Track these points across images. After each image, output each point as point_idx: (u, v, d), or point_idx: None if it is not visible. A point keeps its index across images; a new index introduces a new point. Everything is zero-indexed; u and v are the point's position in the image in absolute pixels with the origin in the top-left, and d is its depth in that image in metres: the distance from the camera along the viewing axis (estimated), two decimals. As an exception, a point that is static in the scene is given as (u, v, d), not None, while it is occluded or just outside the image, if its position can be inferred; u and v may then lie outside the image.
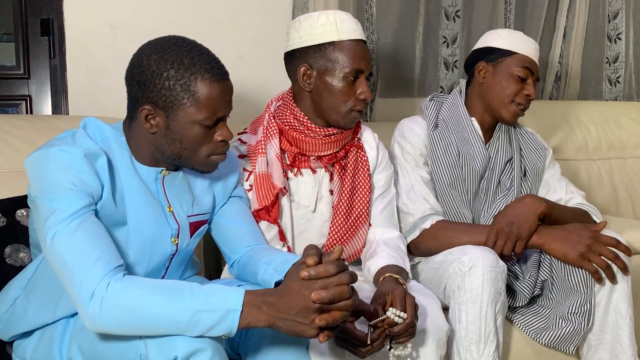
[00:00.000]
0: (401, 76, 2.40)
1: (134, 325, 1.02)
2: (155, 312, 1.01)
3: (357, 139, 1.56)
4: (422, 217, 1.61)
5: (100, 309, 1.01)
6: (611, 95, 2.79)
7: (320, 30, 1.43)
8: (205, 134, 1.17)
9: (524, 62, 1.68)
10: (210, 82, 1.14)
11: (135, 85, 1.16)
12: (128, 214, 1.17)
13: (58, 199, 1.08)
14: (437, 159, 1.69)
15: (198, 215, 1.30)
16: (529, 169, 1.76)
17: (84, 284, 1.02)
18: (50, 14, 1.96)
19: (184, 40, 1.18)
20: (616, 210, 2.49)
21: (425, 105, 1.78)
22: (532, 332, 1.59)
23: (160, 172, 1.23)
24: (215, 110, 1.16)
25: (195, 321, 1.01)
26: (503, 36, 1.74)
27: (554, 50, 2.62)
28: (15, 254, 1.42)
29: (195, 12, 2.06)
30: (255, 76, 2.11)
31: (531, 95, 1.69)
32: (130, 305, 1.01)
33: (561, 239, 1.53)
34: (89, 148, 1.13)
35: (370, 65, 1.47)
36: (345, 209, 1.51)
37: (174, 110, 1.14)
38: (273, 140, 1.47)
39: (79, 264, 1.04)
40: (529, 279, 1.59)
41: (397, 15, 2.34)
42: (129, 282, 1.04)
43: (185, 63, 1.13)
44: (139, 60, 1.16)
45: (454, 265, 1.44)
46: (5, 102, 2.02)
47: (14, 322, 1.23)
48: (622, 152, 2.55)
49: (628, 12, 2.72)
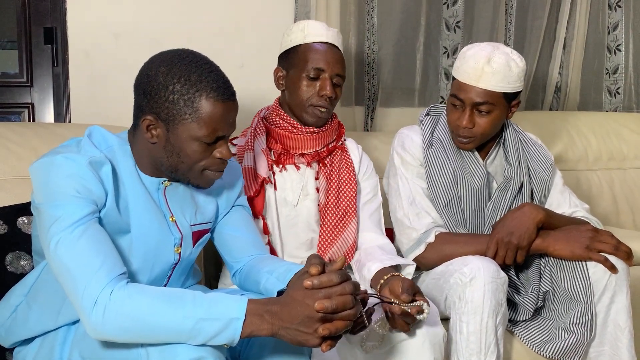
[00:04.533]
0: (402, 86, 2.41)
1: (136, 333, 1.02)
2: (158, 320, 1.01)
3: (342, 142, 1.66)
4: (426, 231, 1.60)
5: (103, 316, 1.01)
6: (611, 106, 2.80)
7: (292, 36, 1.59)
8: (203, 150, 1.17)
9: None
10: (215, 101, 1.14)
11: (142, 94, 1.17)
12: (132, 222, 1.17)
13: (62, 206, 1.08)
14: (433, 179, 1.65)
15: (201, 225, 1.30)
16: (537, 192, 1.68)
17: (87, 291, 1.02)
18: (54, 22, 1.98)
19: (195, 56, 1.18)
20: (616, 221, 2.50)
21: (421, 121, 1.74)
22: (534, 345, 1.58)
23: (162, 183, 1.24)
24: (216, 128, 1.16)
25: (197, 329, 1.01)
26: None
27: (554, 61, 2.64)
28: (16, 262, 1.42)
29: (197, 21, 2.07)
30: (257, 85, 2.11)
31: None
32: (133, 312, 1.01)
33: (564, 239, 1.53)
34: (93, 156, 1.13)
35: (335, 66, 1.55)
36: (332, 206, 1.59)
37: (175, 124, 1.15)
38: (260, 137, 1.60)
39: (82, 271, 1.04)
40: (531, 292, 1.58)
41: (398, 25, 2.36)
42: (133, 290, 1.04)
43: (192, 79, 1.14)
44: (148, 70, 1.17)
45: (455, 276, 1.44)
46: (8, 110, 2.03)
47: (15, 329, 1.23)
48: (622, 162, 2.55)
49: (627, 24, 2.74)
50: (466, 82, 1.56)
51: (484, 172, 1.66)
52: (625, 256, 1.52)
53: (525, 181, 1.67)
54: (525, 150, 1.71)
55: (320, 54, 1.55)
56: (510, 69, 1.54)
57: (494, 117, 1.57)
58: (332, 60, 1.55)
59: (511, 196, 1.66)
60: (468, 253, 1.51)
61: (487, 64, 1.53)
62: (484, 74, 1.53)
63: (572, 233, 1.54)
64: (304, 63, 1.54)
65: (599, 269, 1.52)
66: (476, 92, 1.54)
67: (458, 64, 1.61)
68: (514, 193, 1.66)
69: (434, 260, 1.58)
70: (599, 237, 1.53)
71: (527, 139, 1.75)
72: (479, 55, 1.55)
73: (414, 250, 1.60)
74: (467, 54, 1.59)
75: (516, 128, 1.74)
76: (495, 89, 1.54)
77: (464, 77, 1.56)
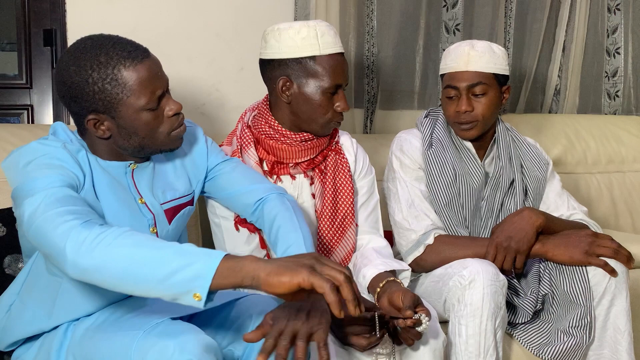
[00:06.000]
0: (401, 89, 2.41)
1: (113, 267, 0.94)
2: (134, 251, 0.94)
3: (336, 143, 1.58)
4: (425, 233, 1.60)
5: (79, 252, 0.95)
6: (610, 109, 2.80)
7: (300, 43, 1.43)
8: (154, 116, 1.16)
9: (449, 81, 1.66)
10: (134, 66, 1.12)
11: (70, 101, 1.15)
12: (104, 210, 1.17)
13: (39, 179, 1.06)
14: (433, 178, 1.66)
15: (173, 201, 1.29)
16: (530, 189, 1.71)
17: (66, 236, 0.96)
18: (54, 24, 1.98)
19: (92, 39, 1.15)
20: (615, 224, 2.50)
21: (420, 122, 1.76)
22: (534, 348, 1.58)
23: (129, 166, 1.23)
24: (152, 90, 1.14)
25: (170, 257, 0.93)
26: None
27: (554, 64, 2.64)
28: (14, 264, 1.42)
29: (197, 24, 2.07)
30: (258, 88, 2.11)
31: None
32: (113, 246, 0.95)
33: (563, 244, 1.53)
34: (67, 142, 1.14)
35: (347, 77, 1.50)
36: (329, 213, 1.52)
37: (115, 108, 1.13)
38: (249, 149, 1.49)
39: (58, 222, 0.98)
40: (531, 295, 1.58)
41: (397, 28, 2.36)
42: (115, 228, 0.98)
43: (103, 60, 1.11)
44: (60, 77, 1.15)
45: (454, 279, 1.44)
46: (7, 112, 2.03)
47: (10, 328, 1.22)
48: (621, 165, 2.55)
49: (627, 27, 2.74)
50: (456, 70, 1.64)
51: (481, 171, 1.68)
52: (625, 260, 1.52)
53: (517, 177, 1.69)
54: (518, 148, 1.74)
55: (340, 68, 1.45)
56: (493, 51, 1.64)
57: (490, 99, 1.63)
58: (346, 72, 1.48)
59: (501, 193, 1.67)
60: (467, 255, 1.51)
61: (471, 49, 1.63)
62: (471, 58, 1.62)
63: (571, 238, 1.54)
64: (322, 78, 1.43)
65: (598, 272, 1.52)
66: (468, 75, 1.62)
67: (443, 61, 1.70)
68: (505, 189, 1.68)
69: (433, 262, 1.58)
70: (598, 242, 1.53)
71: (522, 138, 1.77)
72: (461, 46, 1.66)
73: (413, 252, 1.61)
74: (450, 49, 1.70)
75: (508, 127, 1.77)
76: (485, 70, 1.62)
77: (453, 66, 1.65)
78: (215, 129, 2.07)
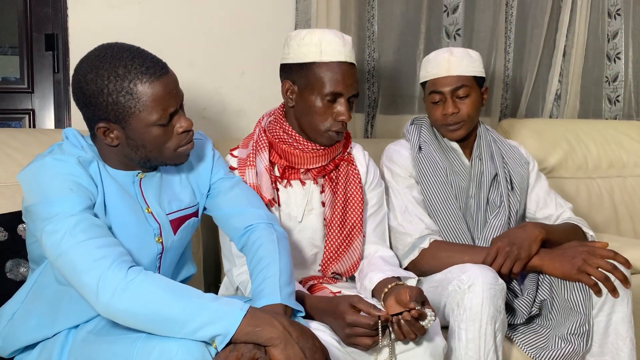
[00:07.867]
0: (402, 93, 2.42)
1: (142, 314, 1.04)
2: (163, 300, 1.04)
3: (348, 154, 1.60)
4: (420, 237, 1.63)
5: (113, 295, 1.03)
6: (611, 114, 2.80)
7: (304, 49, 1.47)
8: (164, 132, 1.17)
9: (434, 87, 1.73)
10: (150, 82, 1.13)
11: (84, 107, 1.16)
12: (110, 218, 1.18)
13: (58, 203, 1.09)
14: (426, 180, 1.72)
15: (178, 212, 1.30)
16: (515, 182, 1.77)
17: (98, 277, 1.04)
18: (55, 29, 1.98)
19: (113, 49, 1.16)
20: (616, 228, 2.49)
21: (407, 130, 1.83)
22: (531, 351, 1.58)
23: (137, 175, 1.24)
24: (165, 107, 1.15)
25: (195, 313, 1.03)
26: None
27: (554, 69, 2.64)
28: (16, 269, 1.42)
29: (198, 29, 2.08)
30: (259, 92, 2.12)
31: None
32: (145, 295, 1.04)
33: (559, 258, 1.54)
34: (80, 155, 1.16)
35: (352, 87, 1.47)
36: (338, 222, 1.54)
37: (126, 120, 1.14)
38: (263, 153, 1.51)
39: (89, 261, 1.05)
40: (528, 296, 1.59)
41: (398, 33, 2.37)
42: (147, 275, 1.06)
43: (120, 73, 1.12)
44: (77, 83, 1.16)
45: (453, 283, 1.44)
46: (9, 116, 2.03)
47: (13, 336, 1.22)
48: (622, 170, 2.55)
49: (627, 32, 2.75)
50: (439, 75, 1.72)
51: (467, 170, 1.74)
52: (622, 277, 1.50)
53: (499, 171, 1.75)
54: (500, 147, 1.82)
55: (339, 77, 1.44)
56: (470, 56, 1.74)
57: (473, 100, 1.72)
58: (350, 82, 1.46)
59: (485, 188, 1.72)
60: (463, 261, 1.52)
61: (451, 55, 1.72)
62: (452, 63, 1.71)
63: (567, 253, 1.54)
64: (320, 85, 1.45)
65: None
66: (451, 79, 1.71)
67: (424, 69, 1.78)
68: (488, 184, 1.73)
69: (429, 265, 1.60)
70: (592, 260, 1.50)
71: (502, 139, 1.85)
72: (440, 53, 1.75)
73: (408, 255, 1.62)
74: (429, 57, 1.78)
75: (488, 128, 1.86)
76: (465, 73, 1.71)
77: (435, 72, 1.73)
78: (217, 133, 2.07)
